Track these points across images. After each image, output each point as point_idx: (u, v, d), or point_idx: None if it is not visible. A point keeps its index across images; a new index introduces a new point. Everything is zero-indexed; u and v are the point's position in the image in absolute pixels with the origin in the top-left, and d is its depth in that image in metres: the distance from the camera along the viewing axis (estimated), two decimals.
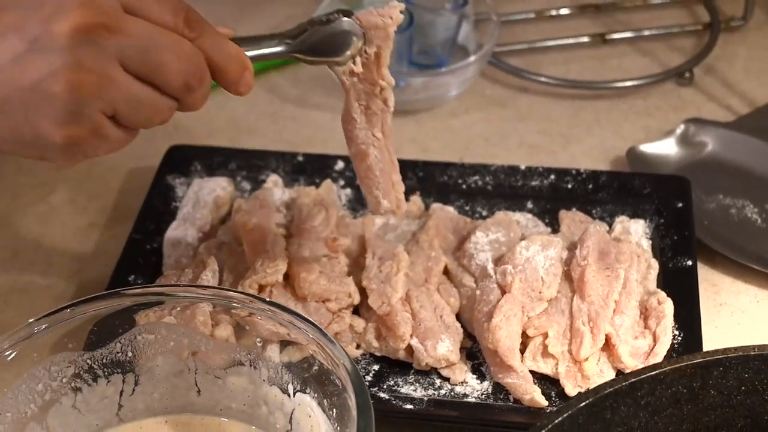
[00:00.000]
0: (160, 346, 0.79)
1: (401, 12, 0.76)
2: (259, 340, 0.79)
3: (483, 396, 0.86)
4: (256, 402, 0.79)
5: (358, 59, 0.77)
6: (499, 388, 0.86)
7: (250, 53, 0.72)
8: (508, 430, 0.84)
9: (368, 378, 0.87)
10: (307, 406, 0.76)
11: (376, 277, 0.91)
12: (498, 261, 0.93)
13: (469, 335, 0.90)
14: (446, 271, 0.95)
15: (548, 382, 0.87)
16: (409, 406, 0.84)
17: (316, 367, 0.76)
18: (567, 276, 0.92)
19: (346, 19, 0.75)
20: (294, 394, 0.77)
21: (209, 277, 0.92)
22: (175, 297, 0.79)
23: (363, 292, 0.91)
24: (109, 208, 1.08)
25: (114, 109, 0.66)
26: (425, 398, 0.85)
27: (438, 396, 0.86)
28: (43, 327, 0.75)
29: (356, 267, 0.94)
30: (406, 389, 0.86)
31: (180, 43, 0.67)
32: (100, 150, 0.68)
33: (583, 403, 0.67)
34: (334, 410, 0.73)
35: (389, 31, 0.76)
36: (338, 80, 0.78)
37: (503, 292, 0.89)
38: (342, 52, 0.76)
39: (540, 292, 0.89)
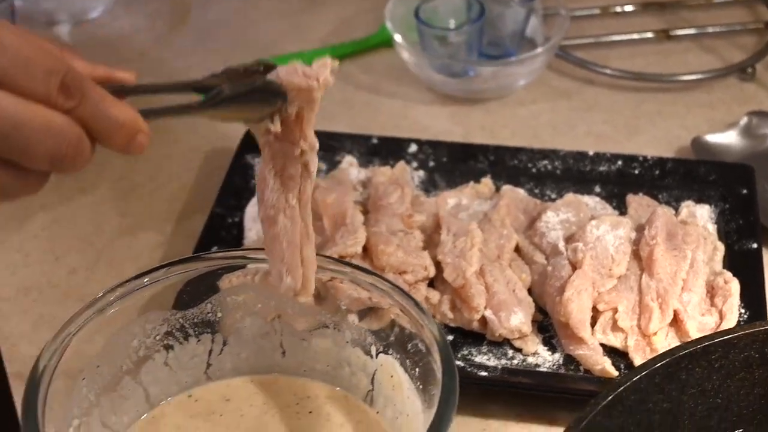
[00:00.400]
0: (247, 308, 0.82)
1: (332, 71, 0.65)
2: (342, 303, 0.82)
3: (554, 367, 0.89)
4: (339, 363, 0.82)
5: (276, 117, 0.66)
6: (569, 360, 0.89)
7: (147, 109, 0.62)
8: (579, 398, 0.85)
9: None
10: (390, 366, 0.79)
11: (450, 251, 0.93)
12: (569, 239, 0.95)
13: (540, 310, 0.93)
14: (517, 249, 0.97)
15: (617, 356, 0.89)
16: (483, 374, 0.86)
17: (398, 330, 0.79)
18: (635, 255, 0.94)
19: (269, 79, 0.65)
20: (376, 355, 0.80)
21: None
22: (257, 261, 0.82)
23: (438, 266, 0.94)
24: (189, 187, 1.12)
25: None
26: (499, 367, 0.88)
27: (511, 366, 0.89)
28: (138, 286, 0.77)
29: (431, 243, 0.96)
30: (479, 359, 0.89)
31: (49, 119, 0.56)
32: None
33: (659, 364, 0.69)
34: (417, 370, 0.76)
35: (314, 95, 0.65)
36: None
37: (574, 269, 0.92)
38: (255, 111, 0.66)
39: (610, 269, 0.92)
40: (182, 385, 0.82)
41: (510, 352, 0.90)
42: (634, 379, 0.68)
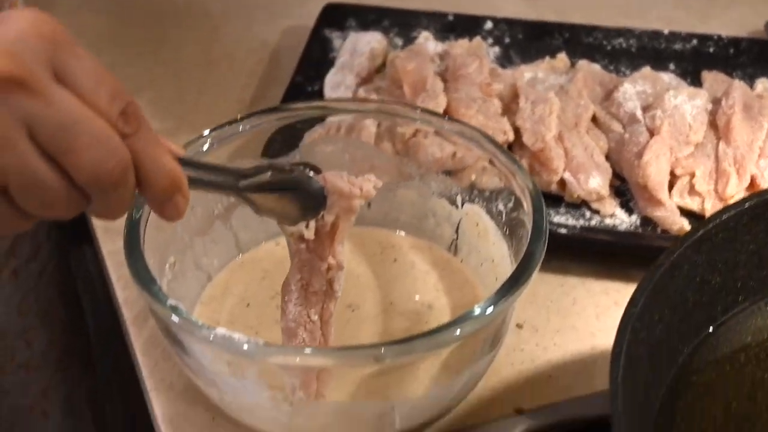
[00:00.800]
0: (336, 159, 0.83)
1: (374, 189, 0.67)
2: (424, 166, 0.83)
3: (632, 228, 0.90)
4: (424, 214, 0.83)
5: (312, 224, 0.67)
6: (646, 222, 0.90)
7: (189, 174, 0.59)
8: (656, 256, 0.87)
9: None
10: (476, 215, 0.80)
11: (529, 117, 0.94)
12: (646, 109, 0.96)
13: (617, 175, 0.94)
14: (594, 120, 0.98)
15: (694, 219, 0.90)
16: (563, 231, 0.87)
17: (485, 182, 0.80)
18: (712, 126, 0.95)
19: (313, 178, 0.66)
20: (462, 205, 0.81)
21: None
22: (338, 111, 0.83)
23: (516, 132, 0.94)
24: (265, 62, 1.13)
25: (4, 180, 0.52)
26: (578, 226, 0.89)
27: (589, 225, 0.90)
28: (230, 133, 0.79)
29: (509, 111, 0.97)
30: (558, 219, 0.90)
31: (105, 132, 0.53)
32: None
33: (748, 205, 0.70)
34: (504, 216, 0.77)
35: (353, 203, 0.66)
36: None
37: (652, 135, 0.92)
38: (293, 208, 0.66)
39: (687, 137, 0.92)
40: (270, 233, 0.84)
41: (588, 214, 0.91)
42: (724, 218, 0.69)
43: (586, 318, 0.85)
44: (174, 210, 0.58)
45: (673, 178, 0.91)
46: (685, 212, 0.90)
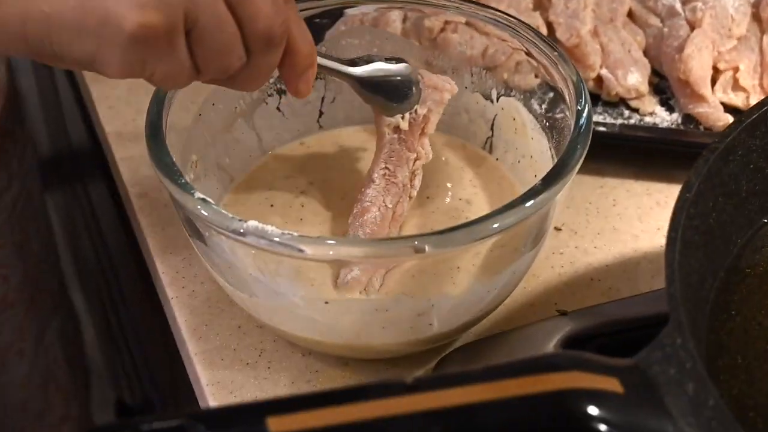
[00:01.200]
0: (363, 52, 0.80)
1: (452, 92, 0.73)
2: (453, 64, 0.80)
3: (673, 125, 0.87)
4: (456, 111, 0.81)
5: (407, 116, 0.72)
6: (688, 120, 0.87)
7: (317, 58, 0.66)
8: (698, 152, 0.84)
9: None
10: (512, 109, 0.77)
11: (563, 12, 0.91)
12: (685, 1, 0.93)
13: (656, 72, 0.91)
14: (630, 15, 0.95)
15: (738, 114, 0.87)
16: (602, 129, 0.85)
17: (522, 74, 0.77)
18: (756, 18, 0.92)
19: (411, 67, 0.72)
20: (497, 99, 0.79)
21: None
22: (360, 1, 0.80)
23: (549, 27, 0.91)
24: None
25: (194, 22, 0.57)
26: (617, 123, 0.86)
27: (628, 123, 0.87)
28: None
29: (540, 6, 0.94)
30: (595, 119, 0.88)
31: None
32: (159, 68, 0.57)
33: None
34: (543, 106, 0.75)
35: (444, 96, 0.72)
36: (377, 132, 0.74)
37: (692, 29, 0.89)
38: (395, 97, 0.72)
39: (729, 30, 0.90)
40: (294, 132, 0.82)
41: (626, 113, 0.88)
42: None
43: (627, 219, 0.83)
44: (306, 84, 0.65)
45: (715, 74, 0.89)
46: (729, 108, 0.87)
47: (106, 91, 0.95)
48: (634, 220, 0.83)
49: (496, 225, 0.61)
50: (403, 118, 0.72)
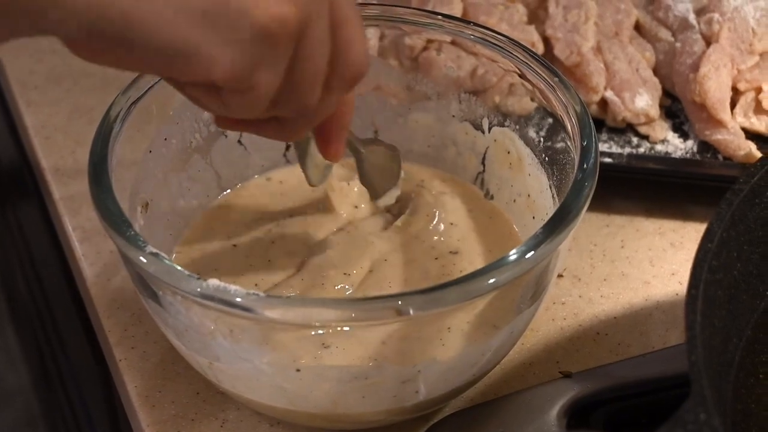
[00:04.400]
0: None
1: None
2: (438, 88, 0.80)
3: (687, 155, 0.87)
4: (443, 142, 0.80)
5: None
6: (705, 148, 0.88)
7: None
8: (719, 187, 0.84)
9: None
10: (506, 140, 0.77)
11: (561, 26, 0.91)
12: (700, 12, 0.93)
13: (667, 93, 0.91)
14: (637, 27, 0.95)
15: (762, 142, 0.87)
16: (607, 160, 0.85)
17: (516, 99, 0.77)
18: None
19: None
20: (489, 129, 0.78)
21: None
22: None
23: (546, 43, 0.91)
24: None
25: (304, 33, 0.54)
26: (624, 153, 0.86)
27: (638, 153, 0.87)
28: None
29: (536, 19, 0.94)
30: (600, 147, 0.87)
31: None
32: (264, 79, 0.54)
33: None
34: (542, 140, 0.75)
35: None
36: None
37: (708, 44, 0.90)
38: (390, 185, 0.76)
39: (751, 44, 0.90)
40: (257, 168, 0.81)
41: (635, 140, 0.88)
42: None
43: (637, 263, 0.83)
44: (342, 147, 0.66)
45: (735, 95, 0.89)
46: (751, 135, 0.88)
47: (42, 119, 0.94)
48: (644, 264, 0.83)
49: (490, 281, 0.60)
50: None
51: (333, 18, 0.55)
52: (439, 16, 0.77)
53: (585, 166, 0.67)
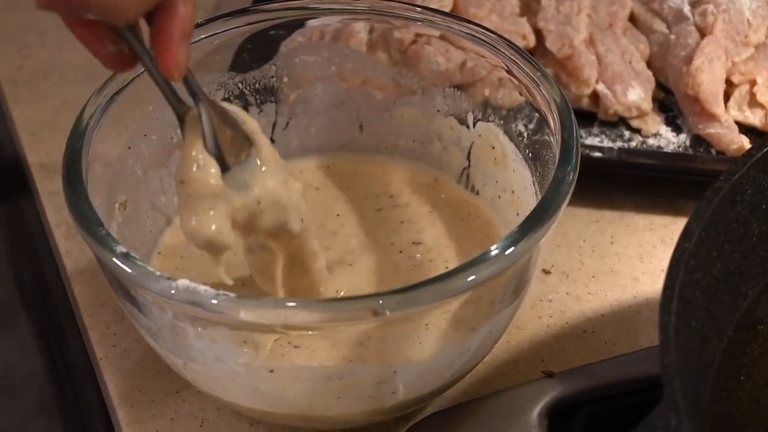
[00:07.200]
0: (320, 71, 0.80)
1: None
2: (426, 80, 0.80)
3: (680, 149, 0.87)
4: (428, 137, 0.80)
5: None
6: (698, 141, 0.87)
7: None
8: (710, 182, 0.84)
9: None
10: (491, 136, 0.77)
11: (553, 17, 0.91)
12: (695, 3, 0.93)
13: (660, 86, 0.91)
14: (632, 18, 0.95)
15: (756, 136, 0.87)
16: (597, 155, 0.85)
17: (502, 94, 0.77)
18: None
19: None
20: (474, 125, 0.78)
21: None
22: (321, 12, 0.79)
23: (538, 35, 0.91)
24: None
25: None
26: (615, 148, 0.86)
27: (629, 147, 0.87)
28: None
29: (528, 10, 0.94)
30: (590, 141, 0.87)
31: None
32: None
33: None
34: (525, 135, 0.74)
35: None
36: None
37: (702, 36, 0.89)
38: None
39: (746, 36, 0.90)
40: None
41: (626, 134, 0.88)
42: None
43: (627, 260, 0.83)
44: (183, 57, 0.61)
45: (729, 88, 0.88)
46: (745, 128, 0.87)
47: (28, 114, 0.94)
48: (634, 261, 0.82)
49: (468, 279, 0.60)
50: None
51: None
52: (429, 11, 0.77)
53: (565, 160, 0.66)
